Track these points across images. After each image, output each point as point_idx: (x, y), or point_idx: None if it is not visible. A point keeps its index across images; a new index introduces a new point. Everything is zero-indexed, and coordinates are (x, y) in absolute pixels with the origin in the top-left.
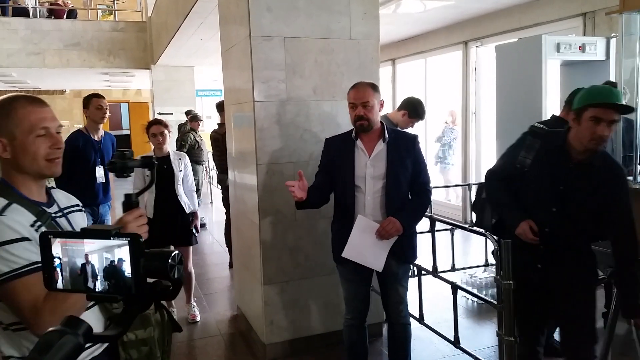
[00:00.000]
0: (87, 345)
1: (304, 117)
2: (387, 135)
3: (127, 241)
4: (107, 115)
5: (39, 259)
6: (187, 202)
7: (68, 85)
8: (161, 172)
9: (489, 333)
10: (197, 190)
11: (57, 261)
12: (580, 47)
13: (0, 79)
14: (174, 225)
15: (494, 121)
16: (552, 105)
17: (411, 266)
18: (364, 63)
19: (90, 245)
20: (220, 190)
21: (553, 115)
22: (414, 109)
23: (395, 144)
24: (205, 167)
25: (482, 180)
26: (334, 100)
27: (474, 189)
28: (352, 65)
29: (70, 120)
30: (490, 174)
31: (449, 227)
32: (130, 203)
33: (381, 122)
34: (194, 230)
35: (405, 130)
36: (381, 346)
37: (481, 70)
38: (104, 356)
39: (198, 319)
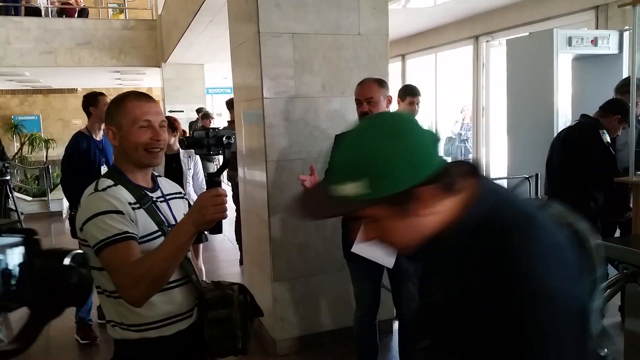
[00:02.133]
0: (174, 320)
1: (313, 114)
2: None
3: (21, 239)
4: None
5: (130, 230)
6: (195, 198)
7: (80, 84)
8: (170, 169)
9: None
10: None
11: None
12: (592, 40)
13: (14, 78)
14: None
15: (505, 116)
16: (563, 100)
17: None
18: (373, 59)
19: None
20: (230, 188)
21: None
22: (403, 91)
23: None
24: (216, 165)
25: (493, 175)
26: (343, 96)
27: None
28: (361, 61)
29: (82, 119)
30: None
31: None
32: (212, 182)
33: None
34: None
35: (413, 115)
36: (392, 342)
37: (492, 65)
38: (190, 331)
39: None
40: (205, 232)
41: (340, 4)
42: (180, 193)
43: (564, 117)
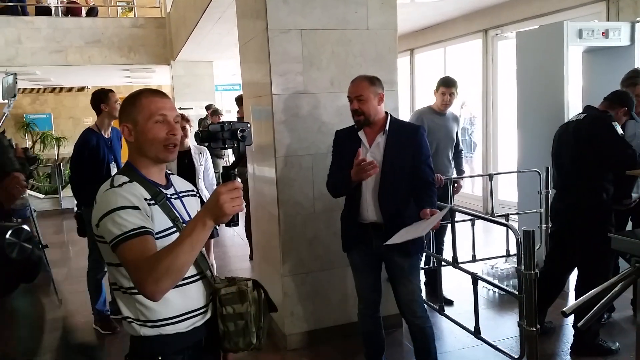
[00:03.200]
0: (189, 315)
1: (321, 109)
2: (387, 127)
3: None
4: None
5: (146, 225)
6: (208, 195)
7: (90, 82)
8: (182, 166)
9: (510, 324)
10: (218, 184)
11: None
12: (603, 32)
13: (25, 77)
14: None
15: (515, 110)
16: (574, 94)
17: (431, 259)
18: (382, 53)
19: None
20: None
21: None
22: (439, 82)
23: (396, 135)
24: (225, 162)
25: (502, 170)
26: None
27: (494, 179)
28: (369, 56)
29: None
30: None
31: (469, 217)
32: (228, 175)
33: (387, 113)
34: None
35: (446, 105)
36: (401, 337)
37: (501, 58)
38: (204, 327)
39: None
40: (217, 228)
41: None
42: (193, 191)
43: (574, 111)
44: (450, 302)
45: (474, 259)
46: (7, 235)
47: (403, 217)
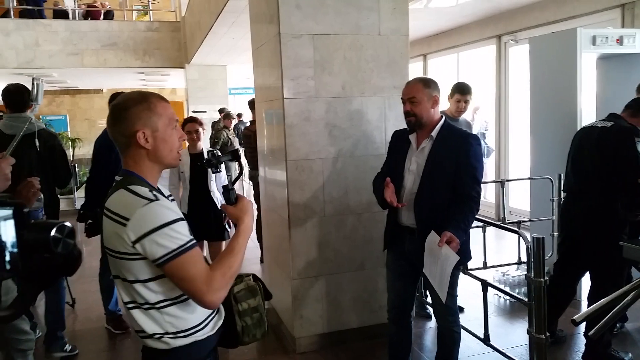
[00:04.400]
0: (213, 317)
1: (332, 114)
2: (436, 131)
3: (10, 211)
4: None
5: (192, 236)
6: (219, 198)
7: (106, 85)
8: (195, 168)
9: (521, 331)
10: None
11: None
12: (617, 39)
13: (42, 79)
14: (208, 221)
15: (528, 117)
16: (587, 101)
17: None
18: (394, 59)
19: None
20: (252, 187)
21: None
22: (453, 88)
23: (444, 140)
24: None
25: (515, 176)
26: (363, 96)
27: (506, 186)
28: (381, 61)
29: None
30: None
31: (481, 224)
32: (231, 194)
33: (442, 116)
34: (226, 226)
35: (460, 112)
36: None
37: (514, 64)
38: (223, 326)
39: None
40: (228, 230)
41: (360, 5)
42: (171, 195)
43: (587, 118)
44: (460, 309)
45: (484, 266)
46: (53, 232)
47: (437, 226)
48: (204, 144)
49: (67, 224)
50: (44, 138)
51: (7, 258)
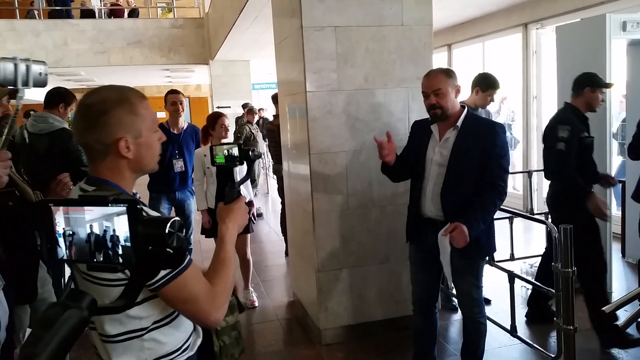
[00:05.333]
0: (192, 335)
1: (355, 106)
2: (461, 121)
3: (124, 208)
4: (182, 109)
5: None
6: (245, 191)
7: (132, 82)
8: (221, 167)
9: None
10: (254, 181)
11: (59, 231)
12: None
13: (71, 77)
14: None
15: (555, 105)
16: (617, 88)
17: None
18: (417, 49)
19: (91, 214)
20: (276, 181)
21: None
22: (483, 81)
23: (469, 130)
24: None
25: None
26: (386, 88)
27: (534, 176)
28: (404, 52)
29: None
30: None
31: (507, 215)
32: (234, 192)
33: (463, 106)
34: (251, 219)
35: (487, 109)
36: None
37: (542, 52)
38: (202, 345)
39: (256, 304)
40: (254, 222)
41: None
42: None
43: (617, 106)
44: (487, 301)
45: (512, 258)
46: (167, 227)
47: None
48: (229, 139)
49: (177, 218)
50: (61, 137)
51: (120, 252)
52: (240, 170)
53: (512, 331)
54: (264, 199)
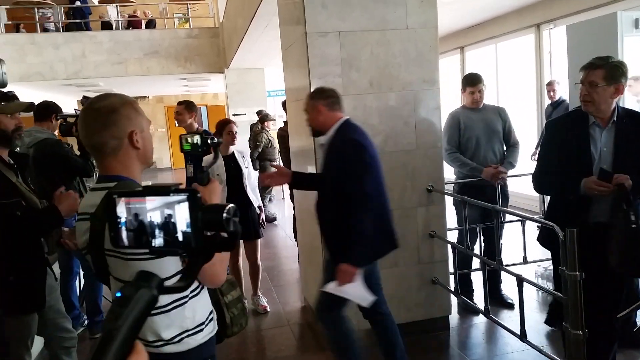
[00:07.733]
0: (211, 309)
1: (361, 111)
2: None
3: (185, 196)
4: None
5: None
6: (254, 198)
7: (150, 92)
8: (230, 170)
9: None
10: (269, 187)
11: (122, 220)
12: None
13: (90, 89)
14: (245, 220)
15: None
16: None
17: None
18: (422, 53)
19: (152, 203)
20: (288, 186)
21: None
22: (462, 82)
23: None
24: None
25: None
26: (392, 92)
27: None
28: (409, 55)
29: (154, 124)
30: None
31: (518, 219)
32: (204, 177)
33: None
34: (261, 224)
35: (477, 103)
36: (449, 339)
37: (556, 52)
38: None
39: (268, 309)
40: (263, 228)
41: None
42: None
43: (630, 105)
44: (511, 305)
45: (525, 261)
46: (224, 213)
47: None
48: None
49: (233, 205)
50: (47, 143)
51: (180, 238)
52: (248, 170)
53: (522, 336)
54: (280, 204)
